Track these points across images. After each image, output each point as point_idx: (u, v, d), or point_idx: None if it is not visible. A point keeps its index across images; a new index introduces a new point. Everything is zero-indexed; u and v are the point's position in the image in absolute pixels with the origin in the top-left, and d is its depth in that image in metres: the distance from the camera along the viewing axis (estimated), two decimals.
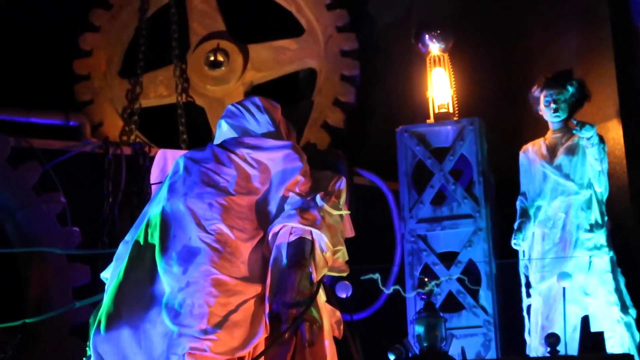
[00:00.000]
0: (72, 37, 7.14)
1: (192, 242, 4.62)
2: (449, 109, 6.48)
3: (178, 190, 4.79)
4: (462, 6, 6.79)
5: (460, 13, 6.75)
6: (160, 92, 7.16)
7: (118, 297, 4.62)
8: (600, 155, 5.73)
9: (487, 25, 6.66)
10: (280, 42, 7.32)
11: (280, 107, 5.26)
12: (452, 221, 6.21)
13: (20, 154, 6.14)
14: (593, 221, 5.72)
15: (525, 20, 6.43)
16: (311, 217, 4.67)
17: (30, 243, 6.03)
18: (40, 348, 5.83)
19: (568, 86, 5.91)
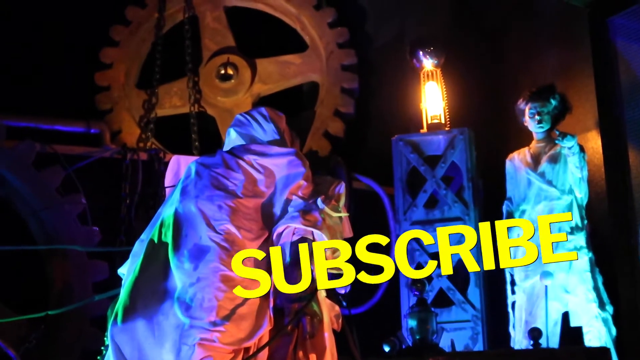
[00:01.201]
0: (94, 51, 7.13)
1: (202, 240, 4.62)
2: (441, 120, 6.47)
3: (190, 193, 4.79)
4: (452, 26, 6.80)
5: (451, 32, 6.75)
6: (174, 103, 7.16)
7: (134, 291, 4.63)
8: (581, 163, 5.73)
9: (476, 43, 6.67)
10: (286, 57, 7.32)
11: (284, 116, 5.26)
12: (443, 223, 6.18)
13: (44, 158, 6.14)
14: (574, 224, 5.71)
15: (510, 38, 6.44)
16: (313, 218, 4.68)
17: (53, 241, 6.03)
18: (62, 338, 5.82)
19: (551, 99, 5.91)
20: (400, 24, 7.19)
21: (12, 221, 6.11)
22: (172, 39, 7.25)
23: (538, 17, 6.16)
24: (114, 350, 4.58)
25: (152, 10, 7.28)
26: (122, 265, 4.89)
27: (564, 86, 5.95)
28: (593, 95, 5.24)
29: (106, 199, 6.36)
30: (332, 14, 7.25)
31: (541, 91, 5.93)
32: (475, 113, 6.46)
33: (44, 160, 6.13)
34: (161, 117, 7.07)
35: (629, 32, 5.15)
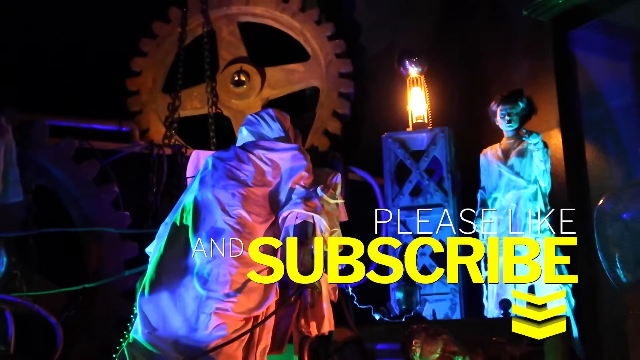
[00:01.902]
0: (126, 61, 7.13)
1: (217, 223, 4.63)
2: (424, 120, 6.46)
3: (207, 182, 4.80)
4: (435, 40, 6.79)
5: (434, 45, 6.74)
6: (194, 105, 7.16)
7: (159, 267, 4.64)
8: (544, 157, 5.74)
9: (455, 54, 6.66)
10: (291, 65, 7.31)
11: (289, 117, 5.26)
12: (426, 209, 6.18)
13: (83, 153, 6.14)
14: (538, 210, 5.71)
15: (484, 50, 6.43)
16: (313, 204, 4.68)
17: (90, 224, 6.03)
18: (97, 308, 5.83)
19: (519, 102, 5.91)
20: (389, 37, 7.18)
21: (56, 207, 6.12)
22: (192, 50, 7.24)
23: (509, 32, 6.15)
24: (141, 318, 4.58)
25: (175, 25, 7.28)
26: (149, 245, 4.90)
27: (530, 91, 5.94)
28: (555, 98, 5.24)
29: (136, 188, 6.36)
30: (331, 28, 7.24)
31: (510, 95, 5.93)
32: (454, 114, 6.46)
33: (82, 154, 6.14)
34: (183, 118, 7.07)
35: (586, 44, 5.15)
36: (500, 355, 4.65)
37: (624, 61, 5.45)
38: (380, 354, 4.95)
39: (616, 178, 5.04)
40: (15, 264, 5.50)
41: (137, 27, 7.19)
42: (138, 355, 4.48)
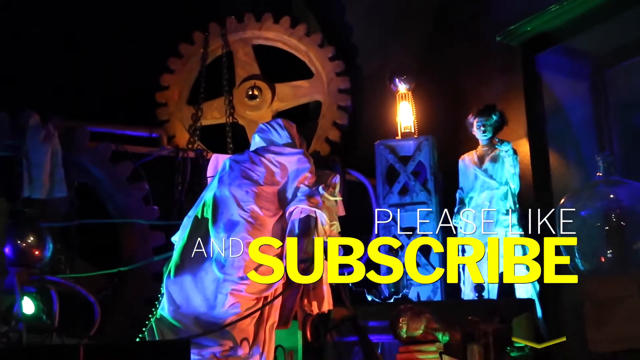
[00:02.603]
0: (156, 76, 7.16)
1: (233, 217, 4.65)
2: (411, 130, 6.46)
3: (225, 181, 4.82)
4: (420, 61, 6.80)
5: (420, 65, 6.75)
6: (214, 115, 7.16)
7: (183, 254, 4.66)
8: (514, 163, 5.74)
9: (438, 73, 6.66)
10: (297, 82, 7.32)
11: (295, 126, 5.28)
12: (412, 206, 6.19)
13: (118, 155, 6.15)
14: (508, 207, 5.71)
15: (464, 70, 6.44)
16: (315, 201, 4.70)
17: (124, 217, 6.05)
18: (130, 288, 5.84)
19: (492, 115, 5.91)
20: (382, 59, 7.20)
21: (95, 202, 6.13)
22: (213, 68, 7.26)
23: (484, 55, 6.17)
24: (167, 297, 4.60)
25: (198, 46, 7.29)
26: (174, 235, 4.91)
27: (502, 105, 5.95)
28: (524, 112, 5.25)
29: (163, 186, 6.37)
30: (332, 51, 7.26)
31: (485, 109, 5.93)
32: (436, 125, 6.47)
33: (117, 157, 6.15)
34: (204, 126, 7.08)
35: (550, 66, 5.17)
36: (475, 331, 4.65)
37: (582, 80, 5.47)
38: (372, 330, 4.96)
39: (576, 181, 5.05)
40: (60, 250, 5.53)
41: (166, 48, 7.21)
42: (164, 329, 4.50)
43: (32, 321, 4.71)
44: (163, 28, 7.08)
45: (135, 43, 6.85)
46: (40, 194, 5.65)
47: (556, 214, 4.83)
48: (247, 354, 4.33)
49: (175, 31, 7.21)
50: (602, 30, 4.93)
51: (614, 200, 4.68)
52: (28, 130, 5.74)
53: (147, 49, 6.95)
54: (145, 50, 6.92)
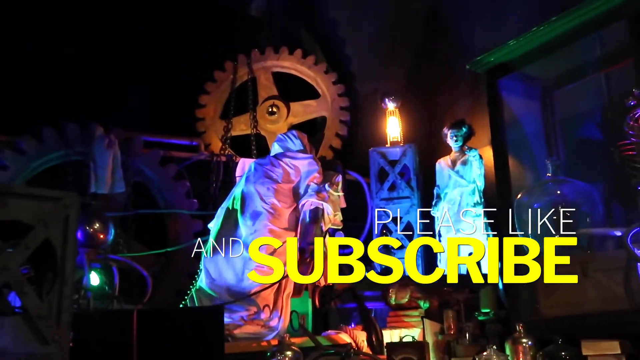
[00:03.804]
0: (195, 97, 7.14)
1: (257, 208, 4.63)
2: (398, 139, 6.45)
3: (250, 180, 4.80)
4: (406, 85, 6.78)
5: (405, 88, 6.73)
6: (242, 128, 7.13)
7: (217, 237, 4.65)
8: (480, 165, 5.72)
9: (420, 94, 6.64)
10: (307, 101, 7.28)
11: (306, 136, 5.27)
12: (399, 200, 6.17)
13: (165, 159, 6.15)
14: (475, 202, 5.69)
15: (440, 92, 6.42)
16: (322, 196, 4.68)
17: (170, 208, 6.04)
18: (175, 265, 5.84)
19: (463, 128, 5.89)
20: (374, 83, 7.19)
21: (147, 196, 6.13)
22: (240, 90, 7.24)
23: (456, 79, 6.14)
24: (205, 272, 4.59)
25: (229, 73, 7.26)
26: (210, 222, 4.89)
27: (471, 120, 5.93)
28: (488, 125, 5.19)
29: (201, 184, 6.36)
30: (335, 76, 7.23)
31: (457, 123, 5.91)
32: (418, 135, 6.46)
33: (165, 160, 6.15)
34: (234, 136, 7.06)
35: (509, 88, 5.12)
36: (449, 300, 4.63)
37: (534, 100, 5.42)
38: (367, 298, 4.93)
39: (529, 179, 5.00)
40: (119, 234, 5.53)
41: (204, 74, 7.20)
42: (203, 297, 4.49)
43: (97, 291, 4.72)
44: (202, 59, 7.06)
45: (180, 70, 6.84)
46: (104, 189, 5.65)
47: (513, 205, 4.80)
48: (268, 317, 4.32)
49: (211, 61, 7.19)
50: (550, 59, 4.88)
51: (561, 195, 4.64)
52: (94, 139, 5.75)
53: (189, 75, 6.94)
54: (188, 76, 6.91)
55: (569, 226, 4.40)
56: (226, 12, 7.81)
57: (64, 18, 6.37)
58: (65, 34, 6.31)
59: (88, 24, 6.44)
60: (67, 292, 2.87)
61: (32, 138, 5.71)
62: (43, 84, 6.04)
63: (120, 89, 6.41)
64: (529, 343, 3.88)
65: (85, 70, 6.26)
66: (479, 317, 4.46)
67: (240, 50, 7.28)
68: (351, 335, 4.21)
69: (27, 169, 5.67)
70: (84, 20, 6.45)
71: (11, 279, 2.77)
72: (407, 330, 4.38)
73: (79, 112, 5.89)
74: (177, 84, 6.80)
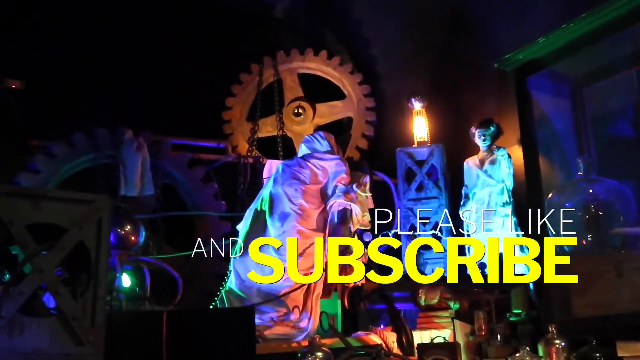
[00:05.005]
0: (222, 99, 7.17)
1: (285, 209, 4.63)
2: (425, 139, 6.39)
3: (278, 181, 4.81)
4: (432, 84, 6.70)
5: (431, 87, 6.67)
6: (268, 129, 7.13)
7: (246, 239, 4.66)
8: (509, 164, 5.65)
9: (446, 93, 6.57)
10: (333, 102, 7.25)
11: (333, 136, 5.26)
12: (426, 200, 6.10)
13: (193, 161, 6.17)
14: (504, 201, 5.62)
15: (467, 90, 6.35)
16: (350, 197, 4.67)
17: (199, 210, 6.06)
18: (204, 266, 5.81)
19: (491, 127, 5.82)
20: (400, 82, 7.12)
21: (176, 198, 6.15)
22: (266, 92, 7.24)
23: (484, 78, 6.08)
24: (234, 273, 4.60)
25: (255, 75, 7.26)
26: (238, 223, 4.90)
27: (498, 119, 5.87)
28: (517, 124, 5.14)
29: (229, 185, 6.37)
30: (360, 77, 7.19)
31: (485, 122, 5.85)
32: (445, 135, 6.39)
33: (193, 162, 6.17)
34: (260, 138, 7.05)
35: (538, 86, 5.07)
36: (480, 300, 4.58)
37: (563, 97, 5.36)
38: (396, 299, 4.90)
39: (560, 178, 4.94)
40: (149, 236, 5.55)
41: (230, 77, 7.22)
42: (232, 298, 4.50)
43: (129, 292, 4.74)
44: (228, 61, 7.08)
45: (206, 73, 6.87)
46: (134, 192, 5.69)
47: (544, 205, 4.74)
48: (298, 319, 4.31)
49: (237, 63, 7.20)
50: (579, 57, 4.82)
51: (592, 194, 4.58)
52: (124, 143, 5.79)
53: (215, 78, 6.97)
54: (214, 79, 6.94)
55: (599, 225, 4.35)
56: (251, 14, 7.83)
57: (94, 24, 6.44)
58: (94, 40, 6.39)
59: (116, 29, 6.51)
60: (101, 293, 2.91)
61: (63, 142, 5.78)
62: (74, 90, 6.12)
63: (148, 93, 6.47)
64: (562, 344, 3.82)
65: (114, 76, 6.33)
66: (511, 318, 4.41)
67: (265, 52, 7.29)
68: (381, 336, 4.19)
69: (59, 173, 5.74)
70: (112, 26, 6.52)
71: (47, 281, 2.80)
72: (438, 332, 4.35)
73: (109, 117, 5.95)
74: (204, 87, 6.83)
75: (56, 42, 6.25)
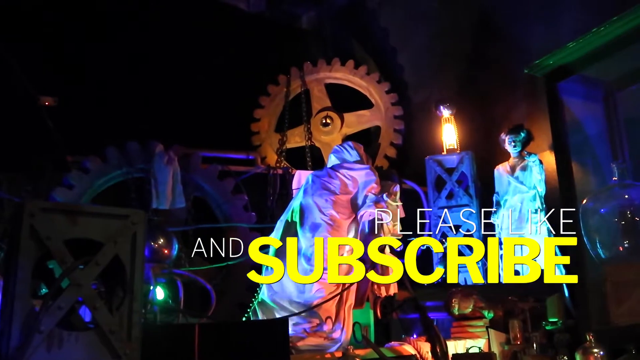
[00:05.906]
0: (250, 111, 7.22)
1: (316, 220, 4.63)
2: (455, 146, 6.36)
3: (308, 192, 4.81)
4: (461, 91, 6.68)
5: (460, 94, 6.64)
6: (296, 140, 7.17)
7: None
8: (540, 170, 5.59)
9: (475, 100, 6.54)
10: (361, 111, 7.27)
11: (362, 146, 5.25)
12: (457, 208, 6.07)
13: (223, 173, 6.20)
14: (537, 207, 5.55)
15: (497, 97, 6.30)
16: (381, 206, 4.65)
17: (229, 221, 6.08)
18: (235, 277, 5.84)
19: (521, 133, 5.78)
20: (428, 91, 7.11)
21: (206, 210, 6.19)
22: (294, 103, 7.28)
23: (514, 84, 6.04)
24: (267, 285, 4.60)
25: (283, 86, 7.33)
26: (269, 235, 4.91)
27: (528, 125, 5.81)
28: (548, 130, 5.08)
29: (258, 197, 6.39)
30: (388, 86, 7.20)
31: (515, 128, 5.81)
32: (475, 142, 6.35)
33: (223, 174, 6.20)
34: (289, 149, 7.10)
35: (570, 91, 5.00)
36: (514, 309, 4.52)
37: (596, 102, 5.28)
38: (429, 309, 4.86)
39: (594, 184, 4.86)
40: (181, 249, 5.59)
41: (258, 89, 7.28)
42: (265, 310, 4.50)
43: (163, 305, 4.78)
44: (255, 73, 7.15)
45: (235, 86, 6.94)
46: (165, 205, 5.74)
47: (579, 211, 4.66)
48: (330, 329, 4.30)
49: (264, 75, 7.27)
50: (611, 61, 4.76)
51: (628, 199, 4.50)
52: (155, 156, 5.85)
53: (243, 90, 7.03)
54: (242, 91, 7.01)
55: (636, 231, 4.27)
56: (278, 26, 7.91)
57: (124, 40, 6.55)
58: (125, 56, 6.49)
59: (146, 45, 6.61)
60: (137, 307, 2.94)
61: (96, 157, 5.87)
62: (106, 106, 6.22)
63: (178, 107, 6.55)
64: (600, 353, 3.76)
65: (145, 91, 6.42)
66: (547, 327, 4.34)
67: (292, 63, 7.34)
68: (415, 346, 4.16)
69: (92, 188, 5.82)
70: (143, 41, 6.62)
71: (84, 295, 2.85)
72: (472, 341, 4.30)
73: (140, 131, 6.03)
74: (232, 100, 6.90)
75: (88, 58, 6.37)
